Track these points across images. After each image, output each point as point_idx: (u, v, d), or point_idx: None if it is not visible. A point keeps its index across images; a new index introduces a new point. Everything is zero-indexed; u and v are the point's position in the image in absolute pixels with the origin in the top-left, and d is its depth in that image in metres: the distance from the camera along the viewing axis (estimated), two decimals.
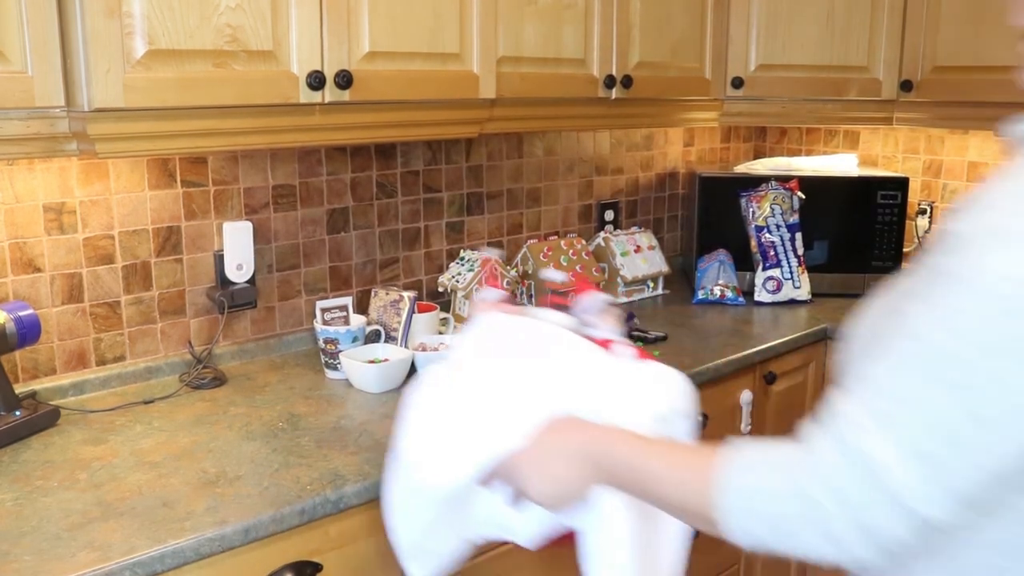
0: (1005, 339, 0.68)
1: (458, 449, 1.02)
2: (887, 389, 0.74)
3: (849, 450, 0.74)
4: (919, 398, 0.72)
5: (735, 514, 0.80)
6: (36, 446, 1.47)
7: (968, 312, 0.70)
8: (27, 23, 1.28)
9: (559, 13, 1.89)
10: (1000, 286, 0.69)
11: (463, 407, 1.05)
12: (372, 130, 1.69)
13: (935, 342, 0.72)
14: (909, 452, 0.72)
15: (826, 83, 2.40)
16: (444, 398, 1.08)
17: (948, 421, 0.71)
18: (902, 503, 0.72)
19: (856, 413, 0.75)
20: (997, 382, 0.69)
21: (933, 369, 0.71)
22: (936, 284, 0.73)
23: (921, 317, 0.74)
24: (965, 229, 0.73)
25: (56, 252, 1.66)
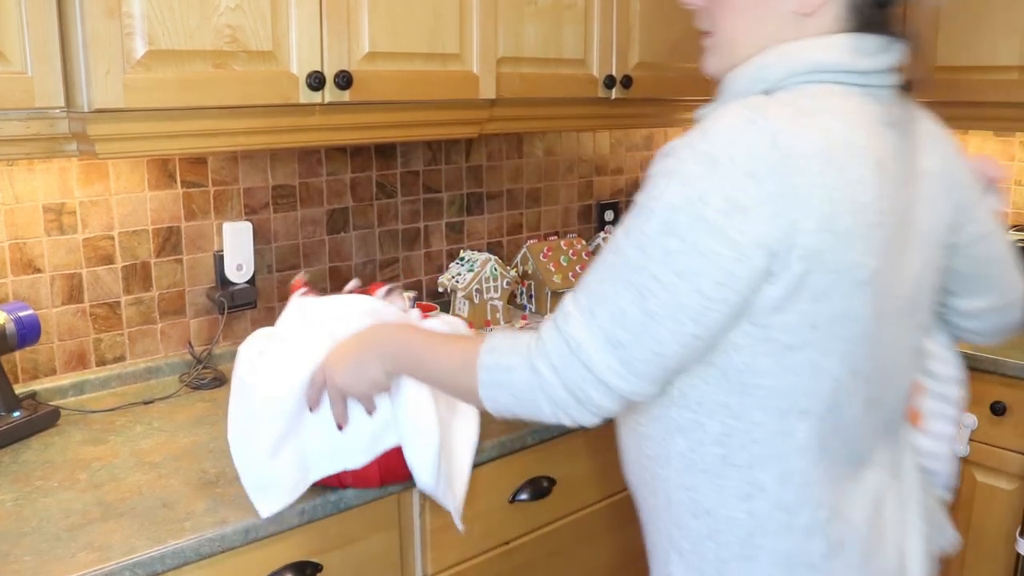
0: (666, 251, 0.89)
1: (281, 369, 1.22)
2: (594, 290, 0.94)
3: (563, 336, 0.95)
4: (613, 298, 0.92)
5: (486, 387, 1.01)
6: (36, 446, 1.48)
7: (645, 231, 0.91)
8: (27, 24, 1.28)
9: (559, 13, 1.89)
10: (663, 211, 0.90)
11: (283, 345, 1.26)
12: (372, 130, 1.69)
13: (627, 254, 0.92)
14: (604, 340, 0.92)
15: None
16: (269, 344, 1.27)
17: (632, 316, 0.91)
18: (603, 380, 0.93)
19: (571, 308, 0.96)
20: (661, 284, 0.90)
21: (623, 274, 0.92)
22: (633, 212, 0.94)
23: (620, 235, 0.94)
24: (653, 172, 0.94)
25: (56, 252, 1.66)
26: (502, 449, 1.52)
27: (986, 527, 2.08)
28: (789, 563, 1.00)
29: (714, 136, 0.90)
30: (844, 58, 0.97)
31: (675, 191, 0.89)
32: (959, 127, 2.51)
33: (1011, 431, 2.02)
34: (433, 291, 2.22)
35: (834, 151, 0.91)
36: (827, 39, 0.98)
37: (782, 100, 0.93)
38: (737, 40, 1.02)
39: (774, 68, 0.97)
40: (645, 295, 0.90)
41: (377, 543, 1.41)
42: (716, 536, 1.02)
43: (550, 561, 1.66)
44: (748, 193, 0.87)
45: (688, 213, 0.88)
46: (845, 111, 0.94)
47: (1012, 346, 2.07)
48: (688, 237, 0.88)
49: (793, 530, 0.99)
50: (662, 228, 0.90)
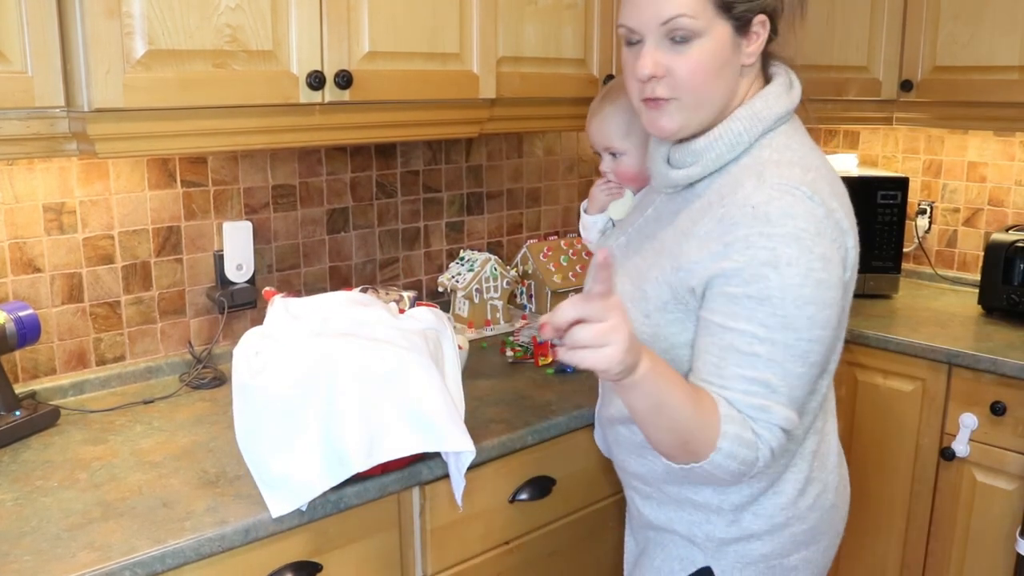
0: (810, 319, 1.08)
1: (278, 367, 1.24)
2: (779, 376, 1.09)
3: (782, 424, 1.11)
4: (792, 371, 1.10)
5: (721, 462, 1.08)
6: (36, 446, 1.47)
7: (786, 314, 1.07)
8: (27, 23, 1.28)
9: (559, 13, 1.89)
10: (791, 291, 1.07)
11: (277, 343, 1.28)
12: (372, 130, 1.69)
13: (781, 339, 1.08)
14: (794, 405, 1.12)
15: (826, 83, 2.40)
16: (262, 343, 1.29)
17: (804, 376, 1.11)
18: (788, 431, 1.12)
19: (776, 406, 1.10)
20: (816, 342, 1.10)
21: (786, 353, 1.08)
22: (753, 306, 1.08)
23: (760, 330, 1.08)
24: (745, 265, 1.09)
25: (56, 252, 1.66)
26: (502, 449, 1.52)
27: (986, 527, 2.08)
28: (804, 484, 1.25)
29: (779, 219, 1.07)
30: (787, 103, 1.18)
31: (789, 275, 1.07)
32: (959, 127, 2.51)
33: (1011, 431, 2.02)
34: (433, 291, 2.22)
35: (832, 181, 1.15)
36: (769, 92, 1.17)
37: (781, 163, 1.12)
38: (704, 99, 1.15)
39: (750, 132, 1.15)
40: (807, 355, 1.10)
41: (377, 543, 1.41)
42: (756, 489, 1.23)
43: (550, 561, 1.66)
44: (825, 247, 1.09)
45: (810, 284, 1.07)
46: (810, 147, 1.18)
47: (1012, 346, 2.07)
48: (819, 299, 1.08)
49: (804, 457, 1.24)
50: (797, 304, 1.07)
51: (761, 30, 1.15)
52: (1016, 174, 2.55)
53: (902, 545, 2.24)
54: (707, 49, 1.11)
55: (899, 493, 2.22)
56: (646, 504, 1.34)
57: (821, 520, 1.28)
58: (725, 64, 1.13)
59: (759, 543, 1.25)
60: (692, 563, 1.28)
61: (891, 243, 2.48)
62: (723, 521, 1.25)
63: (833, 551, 1.35)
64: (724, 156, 1.15)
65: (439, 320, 1.45)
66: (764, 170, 1.11)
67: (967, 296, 2.51)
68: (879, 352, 2.20)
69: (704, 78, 1.12)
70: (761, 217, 1.07)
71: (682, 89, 1.13)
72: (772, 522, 1.24)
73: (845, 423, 2.30)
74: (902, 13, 2.34)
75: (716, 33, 1.11)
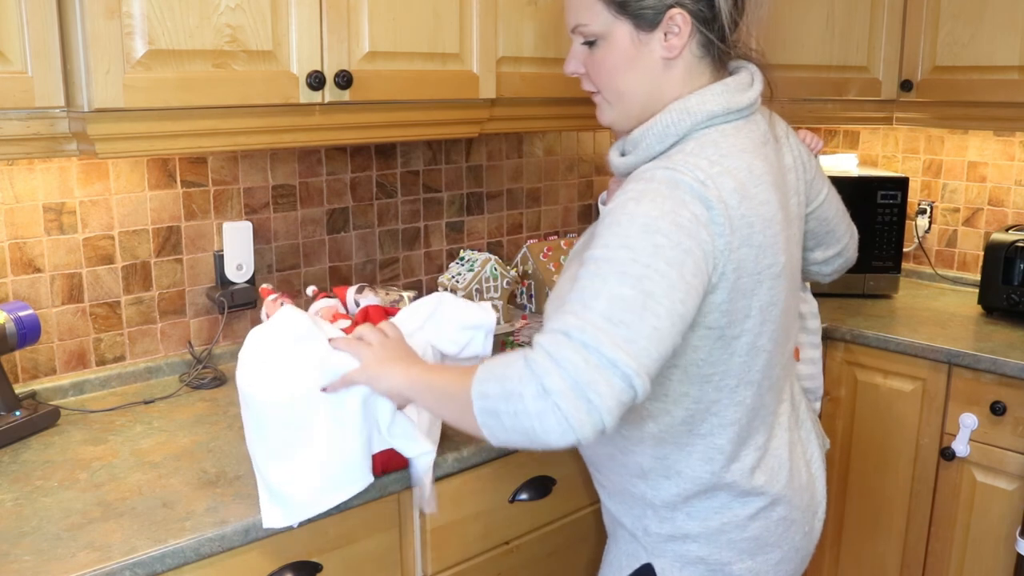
0: (655, 245, 1.02)
1: (283, 381, 1.22)
2: (584, 291, 1.01)
3: (562, 329, 0.99)
4: (607, 290, 1.00)
5: (480, 390, 1.02)
6: (36, 446, 1.48)
7: (629, 234, 1.03)
8: (27, 23, 1.28)
9: (559, 13, 1.89)
10: (643, 219, 1.03)
11: (282, 357, 1.24)
12: (372, 130, 1.69)
13: (613, 255, 1.02)
14: (605, 321, 0.98)
15: (826, 83, 2.40)
16: (268, 354, 1.25)
17: (630, 298, 0.99)
18: (612, 360, 0.96)
19: (556, 315, 1.02)
20: (654, 270, 1.01)
21: (614, 269, 1.01)
22: (603, 231, 1.05)
23: (599, 249, 1.04)
24: (613, 209, 1.07)
25: (56, 252, 1.66)
26: (502, 449, 1.52)
27: (986, 527, 2.08)
28: (741, 495, 1.24)
29: (661, 179, 1.08)
30: (729, 102, 1.16)
31: (648, 206, 1.05)
32: (959, 127, 2.51)
33: (1011, 431, 2.02)
34: (433, 291, 2.21)
35: (745, 184, 1.12)
36: (711, 89, 1.17)
37: (694, 154, 1.11)
38: (622, 93, 1.20)
39: (678, 125, 1.15)
40: (641, 279, 1.00)
41: (377, 543, 1.41)
42: (685, 490, 1.23)
43: (550, 561, 1.66)
44: (702, 214, 1.06)
45: (666, 219, 1.04)
46: (741, 149, 1.15)
47: (1012, 346, 2.07)
48: (672, 235, 1.03)
49: (742, 473, 1.23)
50: (645, 230, 1.03)
51: (682, 24, 1.15)
52: (1016, 174, 2.55)
53: (902, 545, 2.24)
54: (608, 49, 1.18)
55: (899, 493, 2.22)
56: (601, 492, 1.38)
57: (767, 531, 1.26)
58: (632, 59, 1.17)
59: (695, 544, 1.25)
60: (636, 559, 1.30)
61: (891, 243, 2.48)
62: (656, 516, 1.26)
63: (791, 565, 1.31)
64: (653, 147, 1.16)
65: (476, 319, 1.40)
66: (675, 156, 1.13)
67: (967, 296, 2.51)
68: (879, 352, 2.20)
69: (611, 75, 1.19)
70: (646, 176, 1.09)
71: (600, 87, 1.22)
72: (706, 525, 1.24)
73: (845, 423, 2.30)
74: (902, 13, 2.34)
75: (616, 33, 1.17)
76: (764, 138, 1.21)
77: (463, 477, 1.49)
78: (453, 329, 1.36)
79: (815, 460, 1.37)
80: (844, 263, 1.55)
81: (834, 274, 1.56)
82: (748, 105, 1.18)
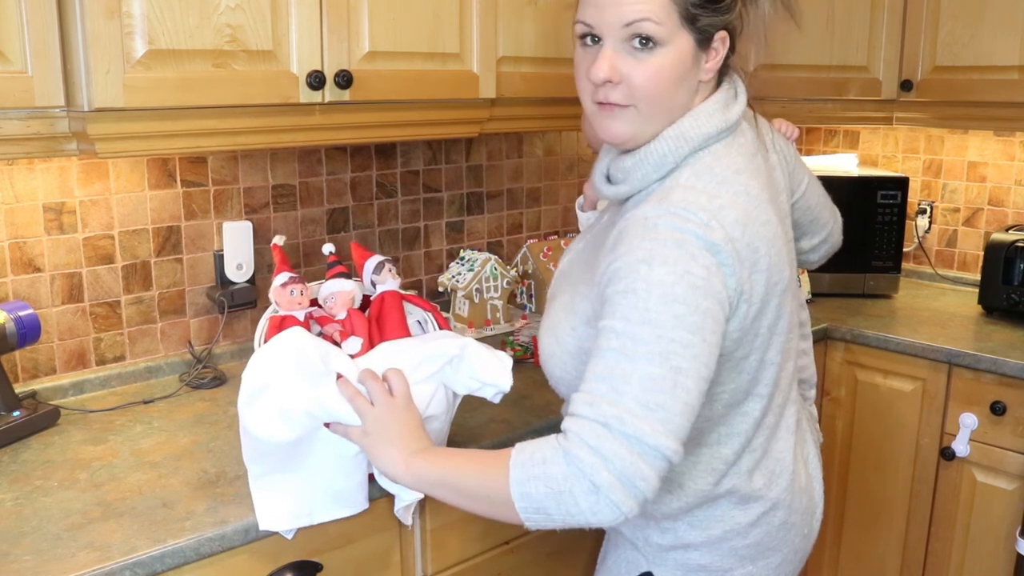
0: (675, 316, 1.00)
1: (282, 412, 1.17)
2: (613, 374, 1.00)
3: (598, 419, 0.99)
4: (637, 371, 0.99)
5: (518, 484, 1.01)
6: (36, 446, 1.47)
7: (649, 307, 1.00)
8: (27, 23, 1.28)
9: (559, 13, 1.89)
10: (659, 288, 1.01)
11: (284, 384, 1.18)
12: (372, 130, 1.69)
13: (636, 333, 1.00)
14: (641, 407, 0.98)
15: (826, 83, 2.40)
16: (271, 378, 1.19)
17: (661, 378, 0.99)
18: (654, 447, 0.97)
19: (589, 398, 1.01)
20: (680, 344, 1.00)
21: (640, 350, 1.00)
22: (618, 300, 1.03)
23: (618, 323, 1.02)
24: (617, 267, 1.04)
25: (56, 252, 1.66)
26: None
27: (986, 527, 2.08)
28: (742, 501, 1.22)
29: (666, 230, 1.04)
30: (721, 122, 1.13)
31: (660, 271, 1.01)
32: (959, 127, 2.51)
33: (1011, 431, 2.02)
34: (433, 291, 2.22)
35: (747, 210, 1.09)
36: (702, 110, 1.13)
37: (692, 188, 1.08)
38: (660, 110, 1.12)
39: (675, 153, 1.11)
40: (669, 356, 0.99)
41: (377, 543, 1.41)
42: (687, 503, 1.21)
43: (550, 561, 1.66)
44: (712, 262, 1.04)
45: (682, 284, 1.01)
46: (736, 170, 1.12)
47: (1012, 346, 2.07)
48: (690, 301, 1.01)
49: (740, 476, 1.21)
50: (664, 300, 1.01)
51: (721, 47, 1.13)
52: (1016, 174, 2.55)
53: (902, 545, 2.24)
54: (668, 59, 1.08)
55: (899, 493, 2.22)
56: None
57: (768, 537, 1.25)
58: (684, 77, 1.11)
59: (696, 553, 1.24)
60: (636, 567, 1.29)
61: (891, 243, 2.48)
62: (657, 528, 1.25)
63: (791, 568, 1.31)
64: (649, 176, 1.12)
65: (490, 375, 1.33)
66: (672, 192, 1.09)
67: (967, 296, 2.51)
68: (879, 352, 2.20)
69: (662, 88, 1.10)
70: (650, 227, 1.04)
71: (639, 98, 1.10)
72: (708, 534, 1.23)
73: (845, 423, 2.30)
74: (902, 13, 2.34)
75: (679, 43, 1.09)
76: (754, 149, 1.18)
77: None
78: (467, 376, 1.29)
79: (812, 459, 1.36)
80: (830, 248, 1.54)
81: (821, 259, 1.55)
82: (736, 120, 1.15)
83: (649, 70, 1.08)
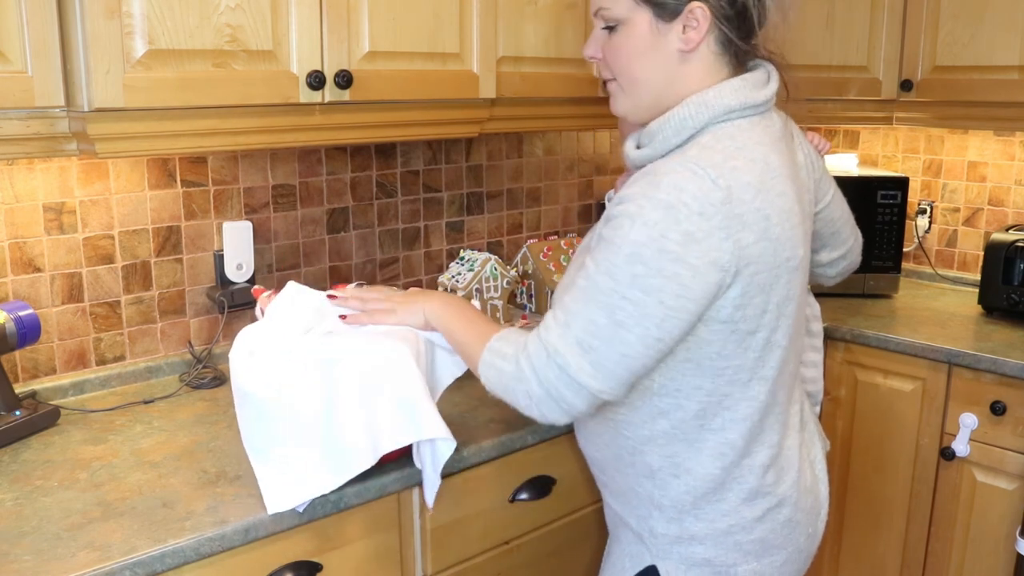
0: (633, 275, 1.09)
1: (273, 370, 1.26)
2: (569, 308, 1.14)
3: (543, 343, 1.15)
4: (585, 314, 1.12)
5: (484, 365, 1.22)
6: (36, 446, 1.48)
7: (614, 262, 1.10)
8: (27, 23, 1.28)
9: (559, 13, 1.89)
10: (629, 247, 1.09)
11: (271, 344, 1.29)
12: (372, 130, 1.69)
13: (597, 281, 1.12)
14: (577, 346, 1.12)
15: (826, 83, 2.40)
16: (257, 343, 1.29)
17: (602, 325, 1.11)
18: (576, 380, 1.13)
19: (550, 321, 1.16)
20: (628, 300, 1.09)
21: (594, 296, 1.12)
22: (600, 246, 1.13)
23: (591, 265, 1.13)
24: (613, 214, 1.13)
25: (56, 252, 1.66)
26: (502, 449, 1.52)
27: (986, 527, 2.08)
28: (750, 496, 1.24)
29: (665, 187, 1.09)
30: (746, 97, 1.18)
31: (638, 231, 1.09)
32: (959, 127, 2.51)
33: (1011, 431, 2.02)
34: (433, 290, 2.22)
35: (762, 177, 1.14)
36: (728, 84, 1.18)
37: (709, 147, 1.13)
38: (636, 81, 1.22)
39: (695, 118, 1.17)
40: (614, 310, 1.10)
41: (377, 543, 1.41)
42: (694, 489, 1.24)
43: (550, 561, 1.66)
44: (700, 227, 1.08)
45: (651, 247, 1.08)
46: (758, 142, 1.17)
47: (1012, 346, 2.07)
48: (652, 264, 1.08)
49: (753, 470, 1.24)
50: (629, 259, 1.09)
51: (700, 19, 1.17)
52: (1016, 174, 2.55)
53: (902, 545, 2.24)
54: (627, 35, 1.20)
55: (899, 493, 2.22)
56: (604, 492, 1.39)
57: (772, 533, 1.27)
58: (649, 48, 1.19)
59: (701, 547, 1.25)
60: (640, 560, 1.30)
61: (891, 243, 2.48)
62: (663, 517, 1.26)
63: (795, 567, 1.32)
64: (670, 140, 1.18)
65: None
66: (690, 150, 1.14)
67: (967, 296, 2.51)
68: (879, 352, 2.20)
69: (627, 61, 1.21)
70: (652, 182, 1.10)
71: (614, 71, 1.24)
72: (713, 527, 1.24)
73: (845, 423, 2.30)
74: (902, 13, 2.34)
75: (636, 19, 1.19)
76: (780, 134, 1.23)
77: (463, 477, 1.49)
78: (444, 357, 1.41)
79: (818, 461, 1.37)
80: (848, 265, 1.56)
81: (838, 276, 1.57)
82: (764, 102, 1.20)
83: (614, 47, 1.22)
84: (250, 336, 1.29)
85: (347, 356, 1.25)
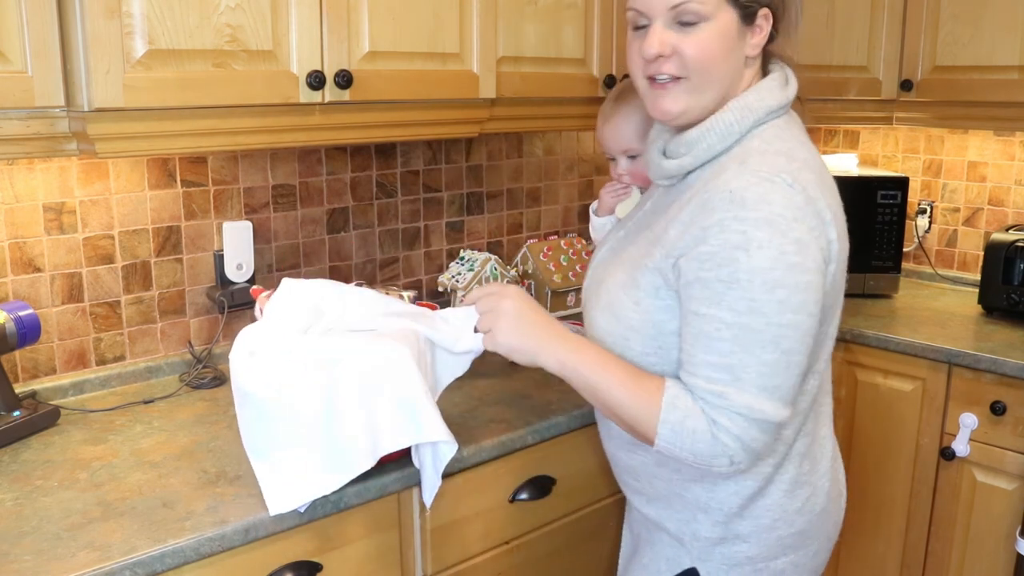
0: (779, 302, 1.07)
1: (273, 370, 1.23)
2: (732, 365, 1.09)
3: (739, 411, 1.09)
4: (751, 360, 1.08)
5: (665, 440, 1.13)
6: (36, 446, 1.47)
7: (753, 297, 1.07)
8: (27, 23, 1.28)
9: (559, 13, 1.89)
10: (759, 275, 1.07)
11: (272, 343, 1.26)
12: (372, 130, 1.69)
13: (747, 323, 1.08)
14: (764, 392, 1.09)
15: (826, 83, 2.40)
16: (257, 342, 1.27)
17: (775, 362, 1.09)
18: (775, 422, 1.11)
19: (720, 388, 1.10)
20: (788, 327, 1.08)
21: (753, 338, 1.08)
22: (719, 289, 1.09)
23: (727, 315, 1.09)
24: (717, 248, 1.09)
25: (56, 252, 1.66)
26: (502, 449, 1.52)
27: (986, 527, 2.08)
28: (791, 487, 1.24)
29: (754, 204, 1.08)
30: (780, 97, 1.20)
31: (758, 258, 1.07)
32: (959, 127, 2.51)
33: (1011, 431, 2.02)
34: (433, 290, 2.22)
35: (820, 175, 1.15)
36: (763, 85, 1.20)
37: (764, 152, 1.13)
38: (713, 81, 1.18)
39: (741, 123, 1.16)
40: (778, 341, 1.08)
41: (377, 543, 1.41)
42: (744, 487, 1.23)
43: (550, 561, 1.66)
44: (802, 233, 1.08)
45: (779, 268, 1.07)
46: (801, 142, 1.19)
47: (1012, 346, 2.07)
48: (789, 282, 1.08)
49: (792, 459, 1.24)
50: (767, 288, 1.07)
51: (765, 24, 1.19)
52: (1016, 174, 2.55)
53: (902, 545, 2.24)
54: (714, 31, 1.15)
55: (899, 493, 2.22)
56: (637, 498, 1.37)
57: (810, 524, 1.27)
58: (731, 50, 1.17)
59: (745, 545, 1.25)
60: (679, 564, 1.29)
61: (891, 243, 2.48)
62: (709, 520, 1.25)
63: (824, 556, 1.34)
64: (715, 147, 1.17)
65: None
66: (748, 158, 1.13)
67: (967, 296, 2.51)
68: (879, 352, 2.20)
69: (711, 57, 1.16)
70: (737, 201, 1.08)
71: (690, 68, 1.17)
72: (758, 523, 1.24)
73: (845, 423, 2.30)
74: (902, 13, 2.34)
75: (723, 18, 1.15)
76: (805, 130, 1.25)
77: (463, 477, 1.49)
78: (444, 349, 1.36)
79: (835, 446, 1.38)
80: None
81: None
82: (789, 102, 1.22)
83: (698, 42, 1.15)
84: (250, 336, 1.29)
85: (347, 356, 1.25)
